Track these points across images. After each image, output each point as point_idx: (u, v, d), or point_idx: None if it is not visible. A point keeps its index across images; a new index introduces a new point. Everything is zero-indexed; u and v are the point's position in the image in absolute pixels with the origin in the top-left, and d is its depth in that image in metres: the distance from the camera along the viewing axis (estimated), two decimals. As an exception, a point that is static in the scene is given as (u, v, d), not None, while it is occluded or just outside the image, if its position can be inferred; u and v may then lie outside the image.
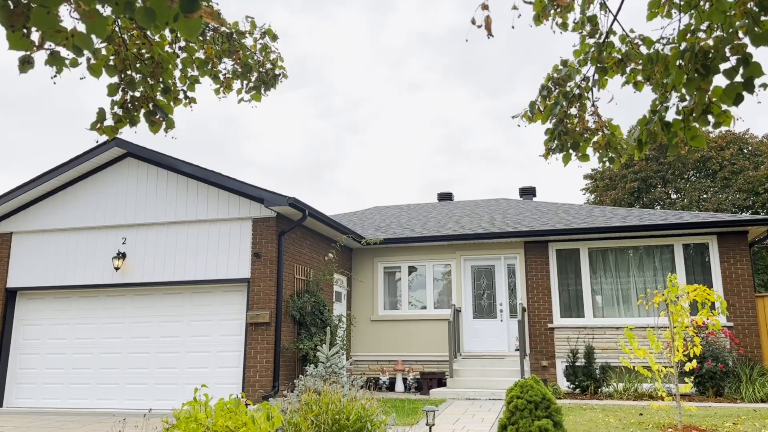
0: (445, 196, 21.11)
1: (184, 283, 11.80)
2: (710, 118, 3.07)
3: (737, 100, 2.84)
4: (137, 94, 3.57)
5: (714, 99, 2.99)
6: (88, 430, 9.21)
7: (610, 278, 13.62)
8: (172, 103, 3.64)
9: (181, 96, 4.07)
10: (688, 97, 3.12)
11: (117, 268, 12.00)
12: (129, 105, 3.54)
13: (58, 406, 11.95)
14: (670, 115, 3.32)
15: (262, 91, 4.84)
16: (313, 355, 10.98)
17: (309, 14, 32.92)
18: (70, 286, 12.40)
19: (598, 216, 14.69)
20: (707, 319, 8.37)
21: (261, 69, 4.65)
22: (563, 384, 12.84)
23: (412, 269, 15.21)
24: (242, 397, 4.86)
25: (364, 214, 19.22)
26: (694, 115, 3.06)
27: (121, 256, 12.06)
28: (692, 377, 11.01)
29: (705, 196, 27.38)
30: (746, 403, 10.53)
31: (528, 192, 20.08)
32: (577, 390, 12.19)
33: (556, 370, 13.17)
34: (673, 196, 28.22)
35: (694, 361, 8.49)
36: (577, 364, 12.40)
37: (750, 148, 27.66)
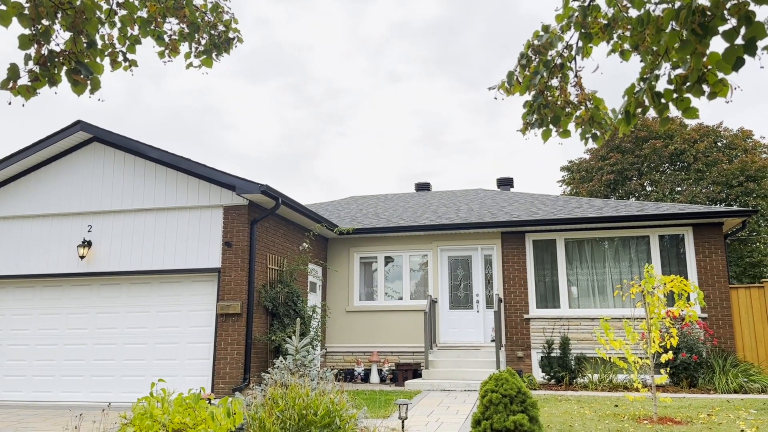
0: (422, 186, 20.89)
1: (152, 272, 11.43)
2: (705, 87, 2.86)
3: (737, 64, 2.63)
4: (57, 48, 3.22)
5: (710, 66, 2.79)
6: (49, 423, 8.85)
7: (586, 269, 13.56)
8: (109, 65, 3.30)
9: (121, 59, 3.73)
10: (681, 64, 2.90)
11: (82, 257, 11.59)
12: (48, 62, 3.20)
13: (20, 399, 11.53)
14: (661, 85, 3.11)
15: (214, 56, 4.48)
16: (286, 346, 10.73)
17: (288, 2, 32.39)
18: (34, 275, 11.94)
19: (575, 207, 14.62)
20: (684, 310, 8.30)
21: (212, 31, 4.31)
22: (538, 375, 12.77)
23: (388, 259, 15.00)
24: (203, 392, 4.59)
25: (340, 203, 18.94)
26: (687, 84, 2.85)
27: (87, 244, 11.64)
28: (667, 368, 10.99)
29: (679, 188, 27.56)
30: (720, 393, 10.55)
31: (505, 183, 19.98)
32: (553, 381, 12.12)
33: (532, 361, 13.10)
34: (648, 189, 28.37)
35: (670, 352, 8.43)
36: (552, 355, 12.33)
37: (724, 141, 27.90)
